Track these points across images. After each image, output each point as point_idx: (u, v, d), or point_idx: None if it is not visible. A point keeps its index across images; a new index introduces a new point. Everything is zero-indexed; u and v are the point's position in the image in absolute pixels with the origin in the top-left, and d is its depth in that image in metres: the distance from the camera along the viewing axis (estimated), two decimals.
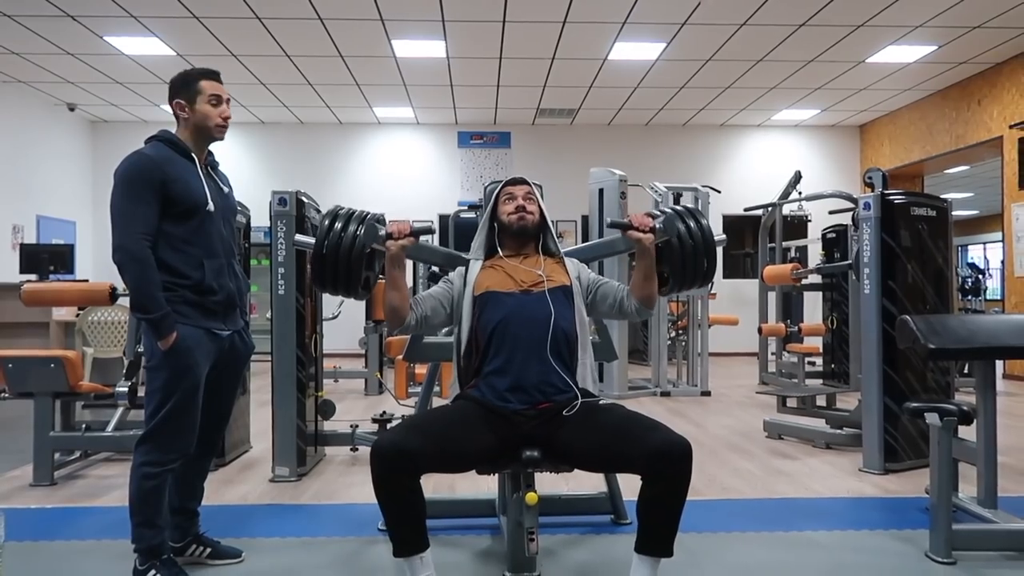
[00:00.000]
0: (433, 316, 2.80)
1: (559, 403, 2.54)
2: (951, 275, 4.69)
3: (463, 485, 4.00)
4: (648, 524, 2.34)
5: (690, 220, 2.92)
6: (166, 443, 2.61)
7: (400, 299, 2.70)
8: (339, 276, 2.87)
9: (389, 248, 2.64)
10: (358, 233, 2.84)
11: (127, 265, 2.53)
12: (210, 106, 2.73)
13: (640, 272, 2.73)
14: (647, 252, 2.69)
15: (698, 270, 2.92)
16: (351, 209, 2.96)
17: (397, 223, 2.67)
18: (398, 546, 2.34)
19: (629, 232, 2.70)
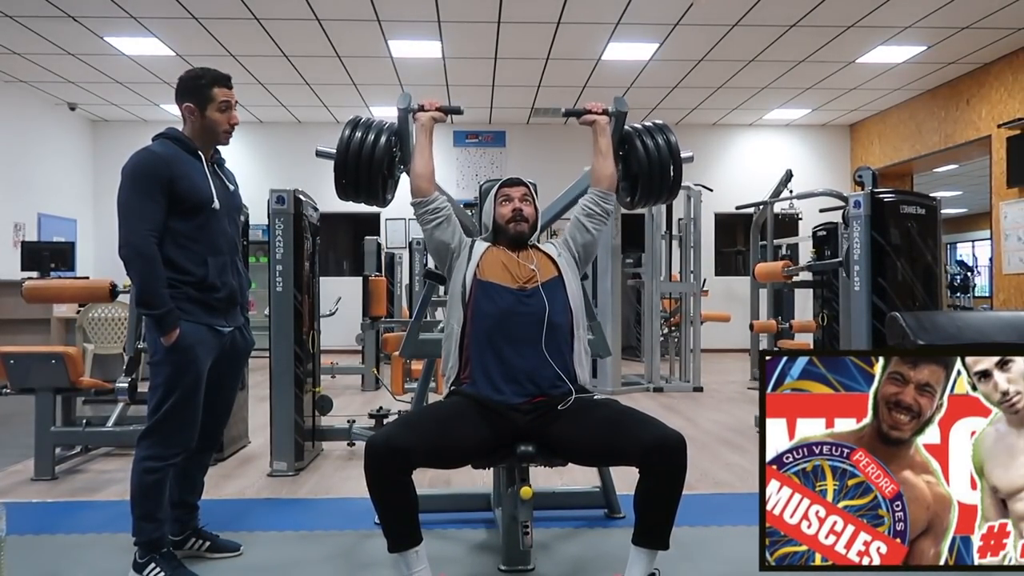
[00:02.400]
0: (446, 224, 2.87)
1: (554, 397, 2.56)
2: (940, 272, 4.73)
3: (459, 479, 4.05)
4: (645, 517, 2.38)
5: (657, 135, 3.17)
6: (168, 438, 2.62)
7: (426, 167, 2.87)
8: (361, 182, 3.06)
9: (419, 118, 2.91)
10: (378, 140, 3.02)
11: (133, 261, 2.54)
12: (220, 113, 2.75)
13: (597, 152, 2.94)
14: (602, 131, 2.94)
15: (664, 179, 3.15)
16: (370, 117, 3.13)
17: (429, 99, 2.94)
18: (392, 541, 2.37)
19: (584, 116, 2.96)
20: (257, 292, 9.64)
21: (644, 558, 2.38)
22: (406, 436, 2.37)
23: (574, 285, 2.80)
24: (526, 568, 2.75)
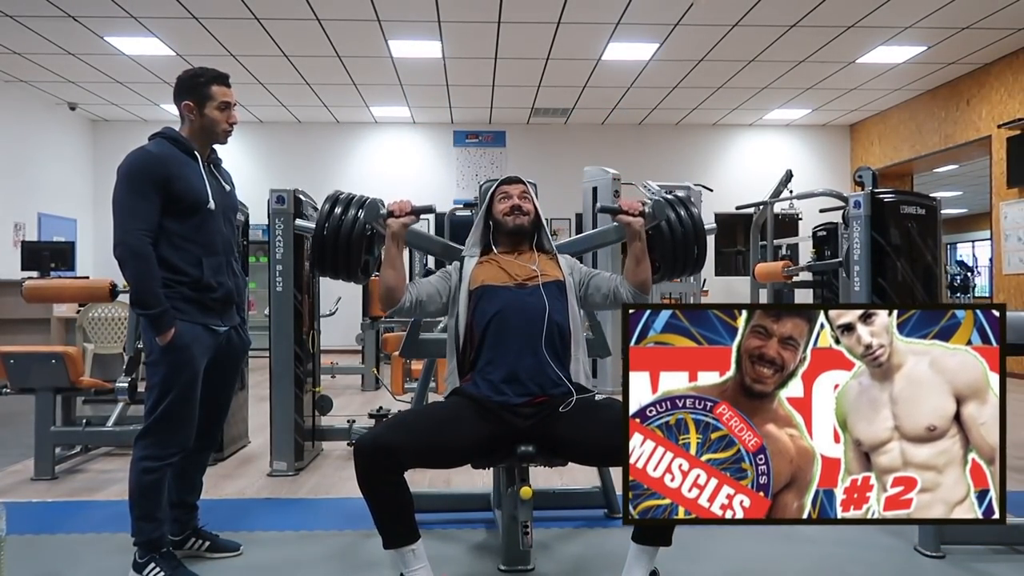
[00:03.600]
0: (428, 303, 2.81)
1: (555, 397, 2.56)
2: (940, 273, 4.73)
3: (459, 479, 4.05)
4: None
5: (680, 208, 3.00)
6: (165, 438, 2.62)
7: (397, 279, 2.71)
8: (339, 259, 2.95)
9: (390, 226, 2.69)
10: (358, 217, 2.90)
11: (128, 261, 2.55)
12: (218, 112, 2.75)
13: (632, 256, 2.75)
14: (637, 235, 2.72)
15: (688, 257, 3.01)
16: (351, 194, 3.03)
17: (398, 202, 2.71)
18: (385, 538, 2.37)
19: (619, 216, 2.75)
20: (257, 292, 9.65)
21: (644, 556, 2.38)
22: (395, 436, 2.37)
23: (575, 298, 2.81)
24: (526, 568, 2.75)
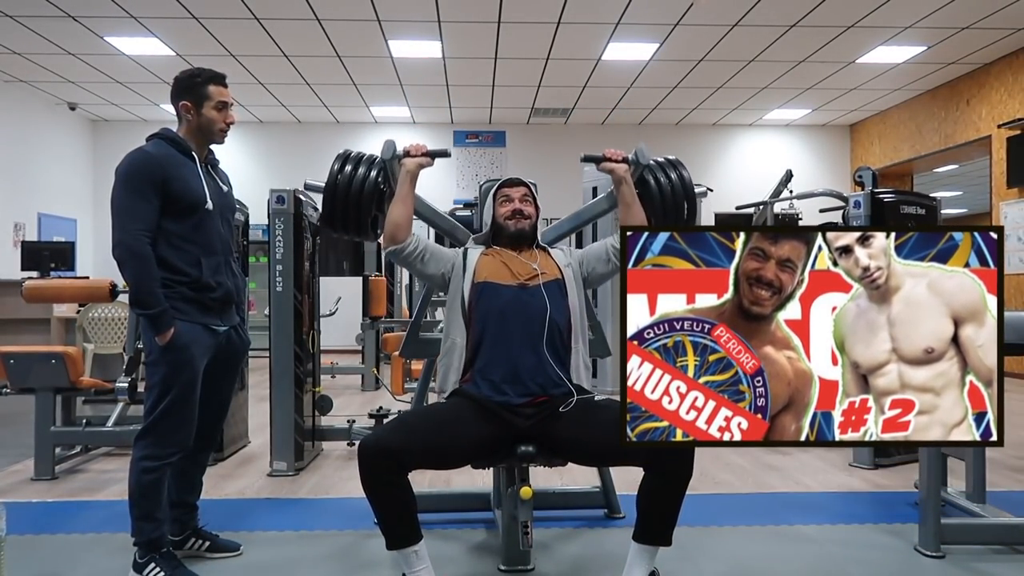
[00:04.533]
0: (431, 261, 2.83)
1: (555, 397, 2.56)
2: None
3: (459, 479, 4.05)
4: (648, 514, 2.37)
5: (670, 170, 3.07)
6: (165, 437, 2.62)
7: (405, 216, 2.79)
8: (349, 216, 3.00)
9: (406, 164, 2.84)
10: (368, 174, 2.97)
11: (127, 261, 2.55)
12: (216, 111, 2.75)
13: (622, 203, 2.85)
14: (623, 180, 2.83)
15: (679, 217, 3.06)
16: (360, 152, 3.09)
17: (414, 144, 2.88)
18: (389, 539, 2.38)
19: (603, 164, 2.87)
20: (257, 292, 9.65)
21: (645, 555, 2.38)
22: (398, 437, 2.37)
23: (576, 293, 2.80)
24: (526, 568, 2.75)
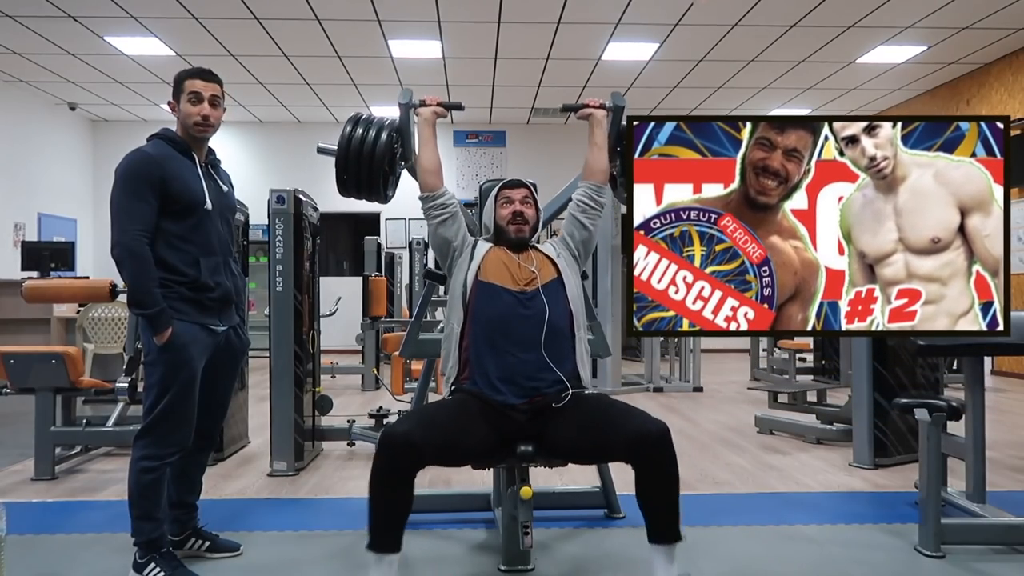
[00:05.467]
0: (452, 221, 2.87)
1: (550, 395, 2.56)
2: None
3: (459, 479, 4.05)
4: (649, 513, 2.36)
5: None
6: (164, 437, 2.62)
7: (433, 160, 2.90)
8: (362, 178, 3.05)
9: (421, 113, 2.92)
10: (379, 136, 3.01)
11: (125, 261, 2.55)
12: (189, 104, 2.71)
13: (592, 145, 2.92)
14: (599, 124, 2.90)
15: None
16: (371, 115, 3.13)
17: (430, 96, 2.96)
18: (375, 539, 2.33)
19: (581, 111, 2.94)
20: (257, 292, 9.66)
21: (664, 555, 2.36)
22: (422, 431, 2.35)
23: (574, 285, 2.80)
24: (526, 568, 2.75)
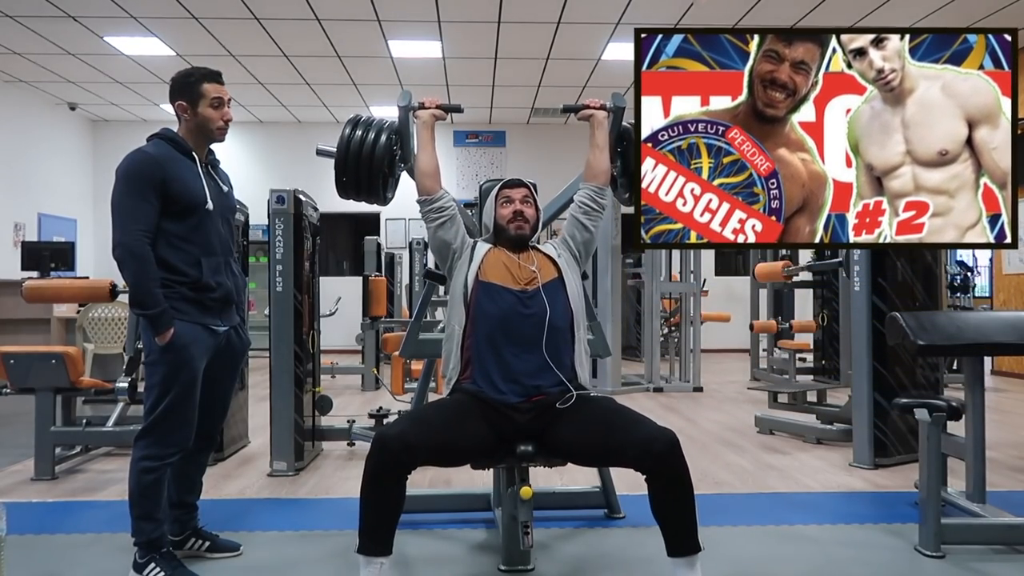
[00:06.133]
0: (451, 224, 2.86)
1: (552, 396, 2.56)
2: (940, 272, 4.72)
3: (458, 479, 4.05)
4: (666, 525, 2.34)
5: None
6: (164, 437, 2.62)
7: (431, 162, 2.87)
8: (361, 180, 3.06)
9: (420, 116, 2.90)
10: (378, 138, 3.01)
11: (126, 261, 2.55)
12: (212, 109, 2.73)
13: (593, 146, 2.91)
14: (600, 125, 2.90)
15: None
16: (371, 117, 3.14)
17: (429, 97, 2.95)
18: (366, 541, 2.30)
19: (582, 112, 2.93)
20: (257, 292, 9.66)
21: (687, 569, 2.33)
22: (416, 432, 2.35)
23: (575, 285, 2.80)
24: (526, 568, 2.75)
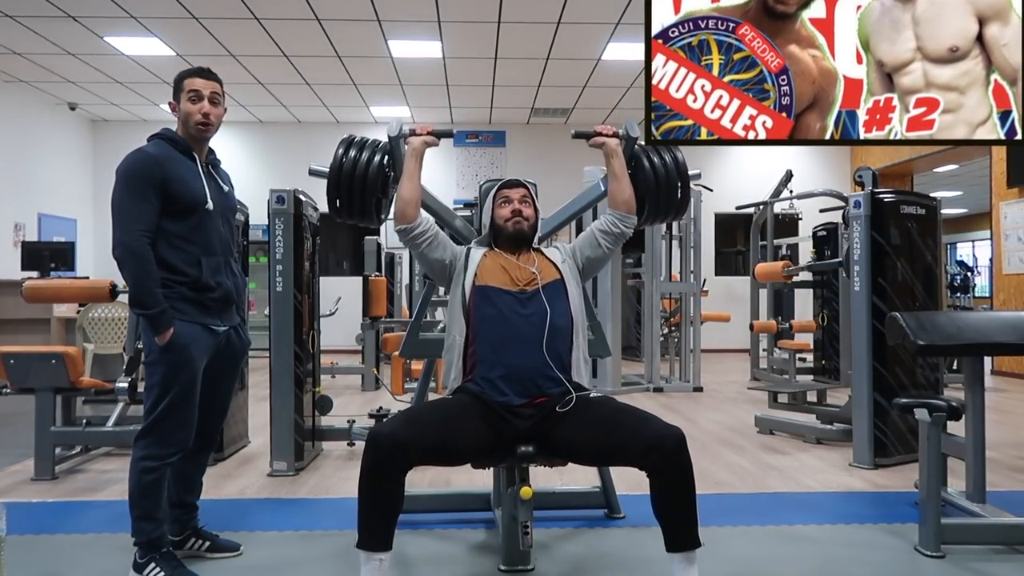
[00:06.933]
0: (437, 246, 2.84)
1: (553, 397, 2.56)
2: (940, 273, 4.73)
3: (458, 479, 4.05)
4: (667, 521, 2.35)
5: (664, 152, 3.09)
6: (164, 437, 2.62)
7: (413, 193, 2.81)
8: (354, 200, 3.03)
9: (411, 143, 2.86)
10: (372, 159, 2.99)
11: (127, 261, 2.55)
12: (189, 103, 2.71)
13: (612, 176, 2.87)
14: (614, 153, 2.86)
15: (672, 197, 3.10)
16: (364, 137, 3.12)
17: (420, 124, 2.90)
18: (364, 537, 2.31)
19: (594, 139, 2.90)
20: (257, 292, 9.65)
21: (685, 564, 2.34)
22: (409, 431, 2.36)
23: (575, 289, 2.81)
24: (526, 568, 2.75)
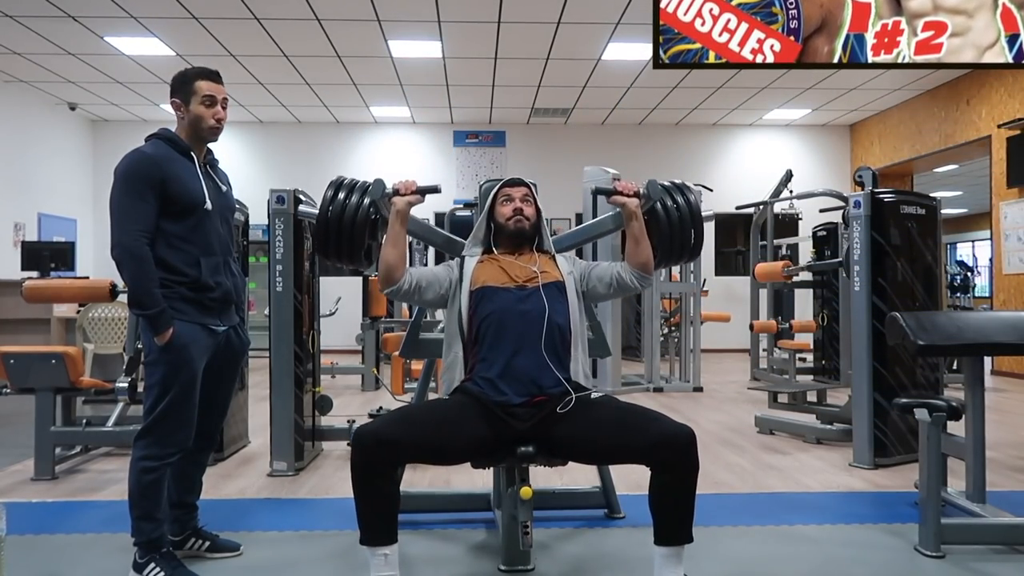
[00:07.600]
0: (427, 289, 2.80)
1: (553, 397, 2.56)
2: (940, 273, 4.72)
3: (458, 479, 4.06)
4: (663, 514, 2.36)
5: (676, 195, 3.03)
6: (164, 437, 2.62)
7: (397, 257, 2.72)
8: (342, 244, 2.97)
9: (395, 203, 2.73)
10: (361, 202, 2.92)
11: (125, 262, 2.55)
12: (203, 107, 2.72)
13: (631, 238, 2.79)
14: (634, 215, 2.78)
15: (685, 242, 3.05)
16: (354, 179, 3.06)
17: (404, 181, 2.77)
18: (365, 533, 2.35)
19: (614, 197, 2.81)
20: (257, 292, 9.65)
21: (672, 557, 2.35)
22: (396, 429, 2.37)
23: (576, 293, 2.81)
24: (526, 568, 2.75)
